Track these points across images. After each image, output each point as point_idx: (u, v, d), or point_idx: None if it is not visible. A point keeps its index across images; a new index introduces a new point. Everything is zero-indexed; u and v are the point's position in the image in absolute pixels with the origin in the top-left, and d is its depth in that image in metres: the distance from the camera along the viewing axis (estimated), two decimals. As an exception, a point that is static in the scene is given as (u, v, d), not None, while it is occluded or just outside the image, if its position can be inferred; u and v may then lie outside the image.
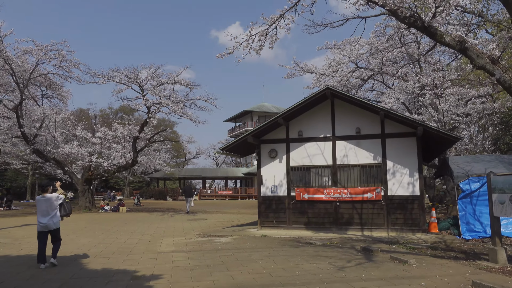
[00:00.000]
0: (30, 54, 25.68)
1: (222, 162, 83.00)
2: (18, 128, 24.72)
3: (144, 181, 66.16)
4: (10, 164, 32.92)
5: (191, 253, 8.88)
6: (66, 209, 8.10)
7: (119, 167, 24.23)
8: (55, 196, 7.84)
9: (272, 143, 13.08)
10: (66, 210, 8.10)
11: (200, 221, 17.54)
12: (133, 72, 19.45)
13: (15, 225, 15.83)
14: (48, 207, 7.64)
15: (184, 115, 20.03)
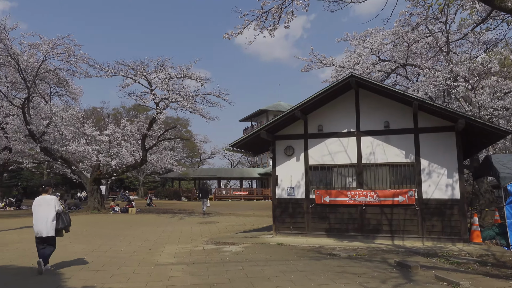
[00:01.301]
0: (37, 49, 24.89)
1: (238, 162, 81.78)
2: (25, 125, 23.91)
3: (159, 181, 65.53)
4: (21, 163, 32.34)
5: (193, 267, 7.55)
6: (65, 221, 7.29)
7: (127, 166, 23.16)
8: (55, 199, 7.18)
9: (288, 139, 11.67)
10: (65, 222, 7.29)
11: (211, 225, 16.24)
12: (139, 65, 18.31)
13: (13, 227, 14.82)
14: (46, 210, 7.02)
15: (194, 111, 18.79)
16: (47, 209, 7.06)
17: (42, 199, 7.18)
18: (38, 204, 7.16)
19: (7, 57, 24.27)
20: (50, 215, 7.04)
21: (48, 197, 7.21)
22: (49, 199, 7.16)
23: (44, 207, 7.07)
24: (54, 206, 7.13)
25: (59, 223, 7.19)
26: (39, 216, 7.07)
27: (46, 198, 7.18)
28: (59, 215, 7.23)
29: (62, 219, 7.26)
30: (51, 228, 7.07)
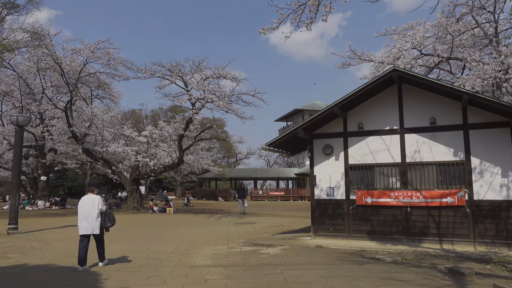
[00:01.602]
0: (78, 53, 25.69)
1: (274, 162, 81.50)
2: (68, 127, 24.74)
3: (196, 181, 66.37)
4: (65, 163, 33.60)
5: (230, 269, 7.32)
6: (111, 219, 7.68)
7: (165, 166, 23.42)
8: (98, 198, 7.49)
9: (326, 137, 11.24)
10: (112, 220, 7.67)
11: (248, 226, 16.04)
12: (175, 66, 18.44)
13: (57, 226, 15.25)
14: (91, 209, 7.34)
15: (229, 111, 18.69)
16: (92, 208, 7.36)
17: (87, 198, 7.49)
18: (83, 203, 7.45)
19: (51, 62, 25.25)
20: (94, 214, 7.34)
21: (92, 196, 7.51)
22: (93, 198, 7.46)
23: (89, 206, 7.38)
24: (98, 205, 7.40)
25: (106, 221, 7.50)
26: (84, 214, 7.37)
27: (91, 197, 7.49)
28: (104, 214, 7.52)
29: (108, 217, 7.57)
30: (96, 226, 7.36)
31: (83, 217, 7.37)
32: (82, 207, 7.43)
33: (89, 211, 7.34)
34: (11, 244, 10.45)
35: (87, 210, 7.36)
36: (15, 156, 13.01)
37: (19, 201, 12.67)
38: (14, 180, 12.76)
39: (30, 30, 21.46)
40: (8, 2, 19.03)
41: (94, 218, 7.34)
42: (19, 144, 12.92)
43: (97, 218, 7.38)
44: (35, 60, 25.39)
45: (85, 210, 7.38)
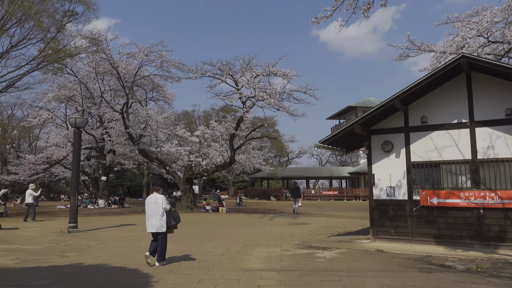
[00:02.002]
0: (133, 57, 26.50)
1: (326, 161, 79.94)
2: (125, 129, 25.56)
3: (248, 181, 66.67)
4: (123, 164, 34.93)
5: (284, 274, 6.88)
6: (176, 218, 7.86)
7: (217, 166, 23.46)
8: (162, 198, 7.73)
9: (385, 133, 10.45)
10: (176, 219, 7.86)
11: (301, 226, 15.51)
12: (226, 65, 18.31)
13: (113, 225, 15.64)
14: (155, 208, 7.60)
15: (281, 108, 18.24)
16: (156, 207, 7.62)
17: (152, 197, 7.80)
18: (148, 202, 7.76)
19: (108, 66, 26.25)
20: (159, 212, 7.59)
21: (157, 196, 7.78)
22: (158, 198, 7.72)
23: (153, 205, 7.65)
24: (162, 204, 7.62)
25: (170, 220, 7.69)
26: (149, 213, 7.68)
27: (155, 197, 7.76)
28: (169, 213, 7.72)
29: (172, 216, 7.76)
30: (161, 225, 7.59)
31: (148, 216, 7.69)
32: (148, 206, 7.73)
33: (154, 210, 7.62)
34: (70, 242, 10.73)
35: (152, 209, 7.64)
36: (74, 156, 13.45)
37: (78, 200, 13.03)
38: (74, 180, 13.19)
39: (88, 36, 22.35)
40: (68, 10, 19.92)
41: (158, 216, 7.57)
42: (78, 145, 13.34)
43: (162, 217, 7.60)
44: (94, 65, 26.52)
45: (150, 209, 7.67)
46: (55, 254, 8.79)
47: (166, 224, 7.63)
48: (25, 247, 9.78)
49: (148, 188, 58.61)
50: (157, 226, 7.57)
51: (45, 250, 9.33)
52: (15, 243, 10.55)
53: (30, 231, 13.33)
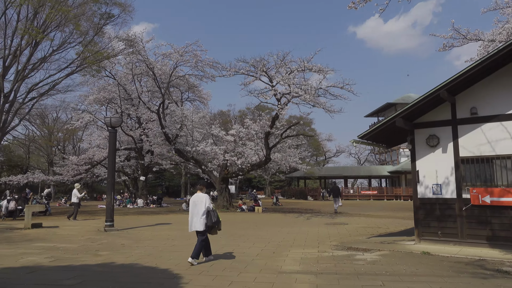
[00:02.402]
0: (168, 57, 26.70)
1: (365, 160, 78.04)
2: (161, 129, 25.82)
3: (285, 180, 66.11)
4: (161, 164, 35.43)
5: (322, 278, 6.41)
6: (213, 219, 7.73)
7: (252, 165, 23.17)
8: (206, 197, 7.74)
9: (431, 126, 9.70)
10: (212, 220, 7.72)
11: (339, 226, 14.89)
12: (259, 61, 17.94)
13: (149, 224, 15.67)
14: (197, 206, 7.65)
15: (317, 105, 17.64)
16: (199, 206, 7.65)
17: (196, 196, 7.84)
18: (193, 201, 7.81)
19: (145, 68, 26.62)
20: (201, 211, 7.61)
21: (201, 195, 7.80)
22: (201, 197, 7.76)
23: (197, 204, 7.70)
24: (205, 203, 7.65)
25: (208, 220, 7.66)
26: (193, 212, 7.71)
27: (200, 196, 7.79)
28: (209, 213, 7.69)
29: (210, 217, 7.69)
30: (201, 223, 7.60)
31: (192, 214, 7.71)
32: (192, 205, 7.78)
33: (197, 209, 7.66)
34: (105, 241, 10.73)
35: (195, 208, 7.69)
36: (109, 156, 13.55)
37: (118, 200, 13.08)
38: (109, 179, 13.28)
39: (125, 38, 22.69)
40: (104, 13, 20.29)
41: (200, 215, 7.60)
42: (113, 144, 13.42)
43: (203, 216, 7.62)
44: (131, 67, 26.97)
45: (194, 208, 7.71)
46: (88, 253, 8.75)
47: (206, 224, 7.64)
48: (62, 245, 9.84)
49: (186, 188, 59.40)
50: (198, 224, 7.62)
51: (79, 249, 9.34)
52: (53, 241, 10.67)
53: (69, 229, 13.55)
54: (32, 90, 21.91)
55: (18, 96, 21.44)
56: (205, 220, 7.61)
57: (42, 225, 14.17)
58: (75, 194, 18.34)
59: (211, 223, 7.67)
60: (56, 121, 52.98)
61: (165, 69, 27.09)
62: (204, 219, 7.61)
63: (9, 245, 9.95)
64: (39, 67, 22.27)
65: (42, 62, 22.10)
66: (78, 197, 18.31)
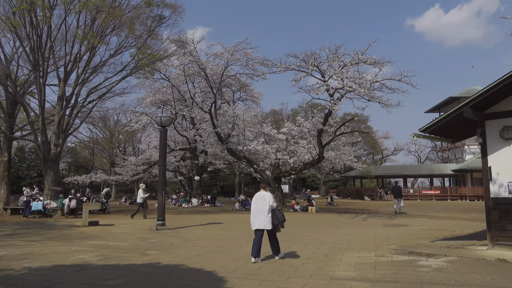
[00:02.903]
0: (219, 57, 26.76)
1: (426, 158, 74.10)
2: (213, 128, 25.93)
3: (340, 180, 64.43)
4: (214, 164, 35.76)
5: (379, 286, 5.74)
6: (279, 217, 7.72)
7: (305, 163, 22.52)
8: (269, 195, 7.71)
9: (505, 117, 8.57)
10: (279, 218, 7.72)
11: (399, 228, 13.87)
12: (310, 55, 17.25)
13: (201, 223, 15.61)
14: (262, 205, 7.61)
15: (372, 99, 16.63)
16: (262, 204, 7.61)
17: (259, 194, 7.81)
18: (255, 200, 7.80)
19: (196, 68, 26.90)
20: (265, 210, 7.57)
21: (264, 193, 7.78)
22: (265, 195, 7.73)
23: (260, 202, 7.66)
24: (268, 201, 7.61)
25: (273, 218, 7.60)
26: (256, 210, 7.69)
27: (262, 194, 7.77)
28: (273, 211, 7.65)
29: (275, 215, 7.65)
30: (267, 222, 7.56)
31: (254, 213, 7.68)
32: (254, 203, 7.76)
33: (260, 207, 7.61)
34: (155, 240, 10.69)
35: (258, 207, 7.64)
36: (160, 155, 13.62)
37: (170, 198, 13.11)
38: (160, 178, 13.32)
39: (176, 40, 23.00)
40: (156, 15, 20.65)
41: (265, 214, 7.55)
42: (164, 143, 13.46)
43: (268, 214, 7.58)
44: (183, 68, 27.36)
45: (256, 206, 7.67)
46: (137, 252, 8.68)
47: (271, 222, 7.60)
48: (113, 244, 9.91)
49: (240, 188, 59.76)
50: (264, 223, 7.57)
51: (129, 247, 9.32)
52: (105, 239, 10.82)
53: (123, 227, 13.80)
54: (91, 93, 22.83)
55: (79, 100, 22.41)
56: (271, 219, 7.59)
57: (98, 223, 14.58)
58: (139, 194, 18.69)
59: (277, 222, 7.64)
60: (117, 123, 55.50)
61: (216, 69, 27.20)
62: (270, 218, 7.58)
63: (65, 242, 10.20)
64: (98, 71, 23.19)
65: (102, 65, 23.01)
66: (142, 197, 18.52)
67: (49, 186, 20.35)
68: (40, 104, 20.42)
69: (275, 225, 7.67)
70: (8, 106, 23.59)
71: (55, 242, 10.10)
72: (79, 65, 21.17)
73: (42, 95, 19.97)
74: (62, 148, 21.35)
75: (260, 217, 7.59)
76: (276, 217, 7.64)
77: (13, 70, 25.04)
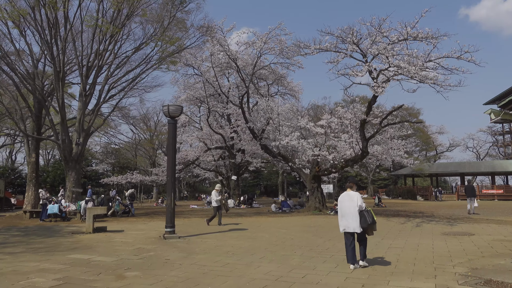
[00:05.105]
0: (252, 47, 24.71)
1: (485, 154, 67.69)
2: (245, 123, 23.90)
3: (389, 179, 60.32)
4: (251, 162, 33.77)
5: None
6: (367, 220, 6.96)
7: (346, 160, 19.82)
8: (357, 195, 7.13)
9: None
10: (367, 220, 6.95)
11: (463, 238, 11.00)
12: (348, 32, 14.59)
13: (222, 230, 13.50)
14: (350, 206, 7.06)
15: (425, 80, 13.73)
16: (350, 205, 7.08)
17: (347, 194, 7.28)
18: (342, 200, 7.28)
19: (227, 59, 24.98)
20: (354, 211, 7.03)
21: (352, 193, 7.24)
22: (352, 195, 7.19)
23: (348, 203, 7.13)
24: (357, 202, 7.04)
25: (361, 221, 6.97)
26: (343, 212, 7.17)
27: (350, 194, 7.23)
28: (362, 213, 7.03)
29: (364, 217, 6.99)
30: (356, 225, 6.99)
31: (342, 214, 7.21)
32: (341, 203, 7.27)
33: (348, 208, 7.10)
34: (152, 253, 8.72)
35: (346, 207, 7.15)
36: (168, 151, 11.71)
37: (175, 201, 11.15)
38: (169, 178, 11.35)
39: (202, 26, 21.17)
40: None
41: (353, 215, 7.02)
42: (173, 137, 11.52)
43: (357, 216, 7.01)
44: (214, 61, 25.52)
45: (344, 208, 7.18)
46: (113, 274, 6.72)
47: (361, 225, 6.97)
48: (97, 259, 8.04)
49: (282, 187, 57.46)
50: (353, 226, 7.00)
51: (110, 265, 7.39)
52: (95, 251, 9.00)
53: (130, 235, 12.00)
54: (112, 87, 21.55)
55: (102, 97, 21.19)
56: (359, 221, 6.95)
57: (106, 229, 12.94)
58: (213, 196, 15.05)
59: (365, 225, 6.94)
60: (157, 124, 55.22)
61: (247, 59, 25.17)
62: (358, 220, 6.96)
63: (44, 255, 8.47)
64: (122, 66, 21.90)
65: (126, 60, 21.71)
66: (217, 199, 14.88)
67: (70, 187, 19.21)
68: (58, 100, 19.32)
69: (364, 228, 6.98)
70: (35, 107, 22.95)
71: (32, 256, 8.40)
72: (100, 60, 19.86)
73: (61, 91, 18.81)
74: (84, 148, 20.15)
75: (349, 219, 7.03)
76: (365, 220, 6.95)
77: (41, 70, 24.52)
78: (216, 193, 15.02)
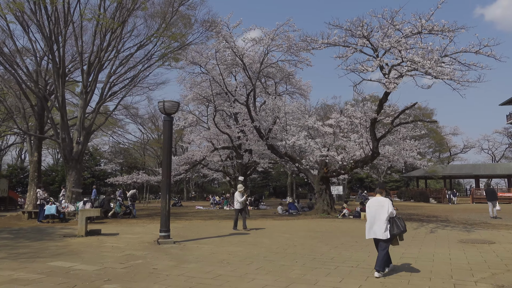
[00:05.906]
0: (259, 43, 23.90)
1: (501, 156, 65.81)
2: (251, 122, 23.12)
3: (402, 181, 58.99)
4: (258, 163, 32.97)
5: None
6: (400, 227, 6.79)
7: (356, 161, 18.91)
8: (387, 201, 6.90)
9: None
10: (400, 227, 6.78)
11: (483, 247, 10.05)
12: (358, 24, 13.69)
13: (222, 234, 12.74)
14: (379, 212, 6.85)
15: (440, 76, 12.79)
16: (380, 211, 6.87)
17: (376, 200, 7.09)
18: (371, 205, 7.10)
19: (233, 56, 24.22)
20: (383, 217, 6.82)
21: (381, 199, 7.05)
22: (382, 201, 6.99)
23: (377, 208, 6.93)
24: (387, 208, 6.82)
25: (393, 228, 6.81)
26: (372, 218, 6.97)
27: (380, 200, 7.04)
28: (393, 220, 6.87)
29: (396, 224, 6.83)
30: (385, 231, 6.77)
31: (371, 221, 6.97)
32: (370, 209, 7.04)
33: (377, 214, 6.88)
34: (141, 261, 7.98)
35: (374, 213, 6.94)
36: (164, 150, 10.99)
37: (170, 204, 10.41)
38: (164, 179, 10.64)
39: (205, 20, 20.44)
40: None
41: (382, 221, 6.79)
42: (168, 135, 10.80)
43: (386, 223, 6.79)
44: (220, 58, 24.79)
45: (373, 214, 6.96)
46: (90, 286, 5.99)
47: (389, 231, 6.75)
48: (78, 267, 7.33)
49: (291, 189, 56.55)
50: (380, 233, 6.77)
51: (88, 276, 6.65)
52: (79, 258, 8.29)
53: (123, 239, 11.30)
54: (114, 84, 20.96)
55: (104, 94, 20.61)
56: (390, 230, 6.75)
57: (100, 232, 12.27)
58: (236, 198, 14.24)
59: (398, 231, 6.77)
60: (165, 123, 54.70)
61: (253, 56, 24.37)
62: (387, 227, 6.74)
63: (20, 262, 7.77)
64: (125, 63, 21.29)
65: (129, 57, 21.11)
66: (240, 201, 14.10)
67: (69, 187, 18.65)
68: (58, 98, 18.75)
69: (393, 235, 6.80)
70: (38, 105, 22.48)
71: (10, 263, 7.71)
72: (101, 56, 19.25)
73: (61, 88, 18.24)
74: (85, 147, 19.57)
75: (378, 225, 6.81)
76: (397, 226, 6.79)
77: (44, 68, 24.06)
78: (240, 194, 14.25)
